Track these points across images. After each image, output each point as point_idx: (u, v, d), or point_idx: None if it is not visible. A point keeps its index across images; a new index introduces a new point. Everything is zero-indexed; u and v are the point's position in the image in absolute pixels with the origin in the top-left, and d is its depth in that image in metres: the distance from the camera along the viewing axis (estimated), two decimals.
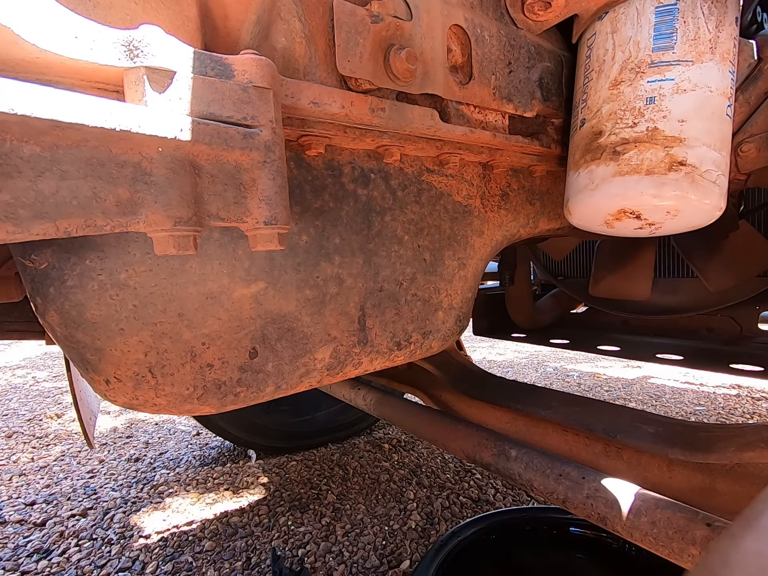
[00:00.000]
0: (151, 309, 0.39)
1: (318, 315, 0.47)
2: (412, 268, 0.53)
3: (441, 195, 0.55)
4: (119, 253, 0.37)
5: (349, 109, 0.40)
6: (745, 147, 0.58)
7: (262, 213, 0.32)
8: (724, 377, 2.92)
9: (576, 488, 0.62)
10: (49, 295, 0.37)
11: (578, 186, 0.53)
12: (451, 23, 0.46)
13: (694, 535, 0.48)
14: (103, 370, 0.39)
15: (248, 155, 0.31)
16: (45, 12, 0.25)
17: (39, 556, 1.37)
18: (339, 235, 0.47)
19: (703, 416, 2.35)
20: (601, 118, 0.51)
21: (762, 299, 1.16)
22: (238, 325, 0.42)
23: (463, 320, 0.60)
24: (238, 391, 0.43)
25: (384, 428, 2.24)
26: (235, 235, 0.41)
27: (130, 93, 0.28)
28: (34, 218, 0.23)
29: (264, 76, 0.31)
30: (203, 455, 2.03)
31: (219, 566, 1.31)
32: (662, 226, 0.53)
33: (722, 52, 0.47)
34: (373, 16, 0.40)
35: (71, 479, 1.84)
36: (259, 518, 1.54)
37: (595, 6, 0.49)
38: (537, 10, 0.51)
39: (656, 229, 0.53)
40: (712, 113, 0.47)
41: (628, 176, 0.49)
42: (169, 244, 0.29)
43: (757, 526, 0.23)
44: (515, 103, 0.53)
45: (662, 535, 0.51)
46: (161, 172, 0.27)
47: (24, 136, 0.23)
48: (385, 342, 0.52)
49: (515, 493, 1.62)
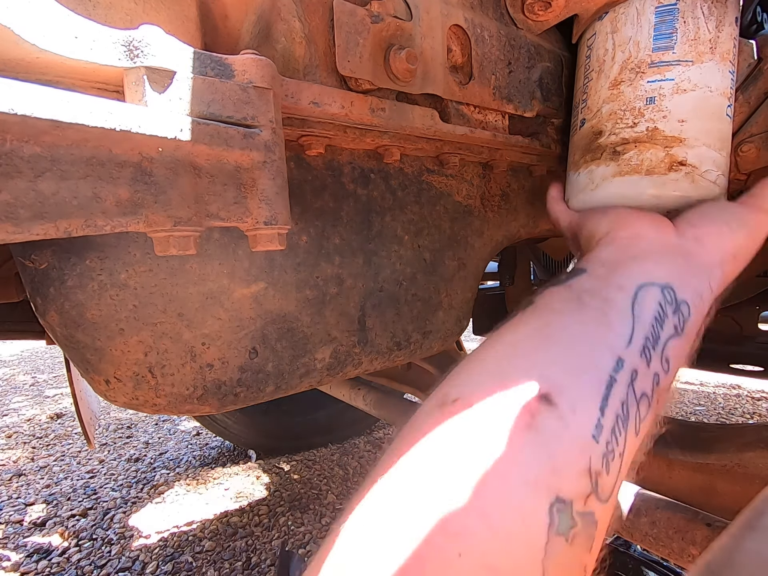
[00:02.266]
0: (151, 309, 0.39)
1: (318, 315, 0.47)
2: (412, 268, 0.53)
3: (441, 195, 0.55)
4: (119, 253, 0.37)
5: (349, 109, 0.40)
6: (745, 147, 0.58)
7: (262, 213, 0.32)
8: (724, 377, 2.92)
9: None
10: (49, 295, 0.37)
11: (578, 186, 0.53)
12: (451, 23, 0.46)
13: (694, 535, 0.48)
14: (103, 370, 0.39)
15: (248, 155, 0.31)
16: (45, 12, 0.25)
17: (39, 556, 1.37)
18: (339, 235, 0.47)
19: (703, 416, 2.35)
20: (601, 118, 0.51)
21: (762, 299, 1.16)
22: (238, 325, 0.42)
23: (463, 320, 0.60)
24: (238, 391, 0.43)
25: (384, 428, 2.24)
26: (235, 235, 0.41)
27: (130, 93, 0.28)
28: (34, 218, 0.23)
29: (264, 76, 0.31)
30: (203, 455, 2.03)
31: (219, 566, 1.31)
32: None
33: (722, 52, 0.47)
34: (373, 16, 0.40)
35: (71, 479, 1.84)
36: (259, 518, 1.54)
37: (595, 6, 0.49)
38: (537, 10, 0.51)
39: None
40: (712, 113, 0.47)
41: (628, 176, 0.49)
42: (169, 244, 0.29)
43: (758, 526, 0.23)
44: (515, 103, 0.53)
45: (662, 535, 0.51)
46: (161, 172, 0.27)
47: (24, 136, 0.23)
48: (385, 342, 0.52)
49: None
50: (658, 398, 0.29)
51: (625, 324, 0.29)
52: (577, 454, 0.25)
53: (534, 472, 0.24)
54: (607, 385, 0.27)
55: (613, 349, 0.28)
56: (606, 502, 0.25)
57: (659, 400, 0.29)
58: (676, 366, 0.31)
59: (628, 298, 0.30)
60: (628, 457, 0.27)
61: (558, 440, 0.25)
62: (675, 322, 0.30)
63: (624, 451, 0.26)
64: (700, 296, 0.32)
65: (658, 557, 0.91)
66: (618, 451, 0.26)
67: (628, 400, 0.27)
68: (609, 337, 0.29)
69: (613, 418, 0.26)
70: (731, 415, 2.35)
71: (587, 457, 0.25)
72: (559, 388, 0.26)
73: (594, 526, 0.24)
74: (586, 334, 0.29)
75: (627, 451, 0.27)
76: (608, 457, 0.25)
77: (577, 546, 0.23)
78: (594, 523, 0.24)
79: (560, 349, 0.29)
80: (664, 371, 0.29)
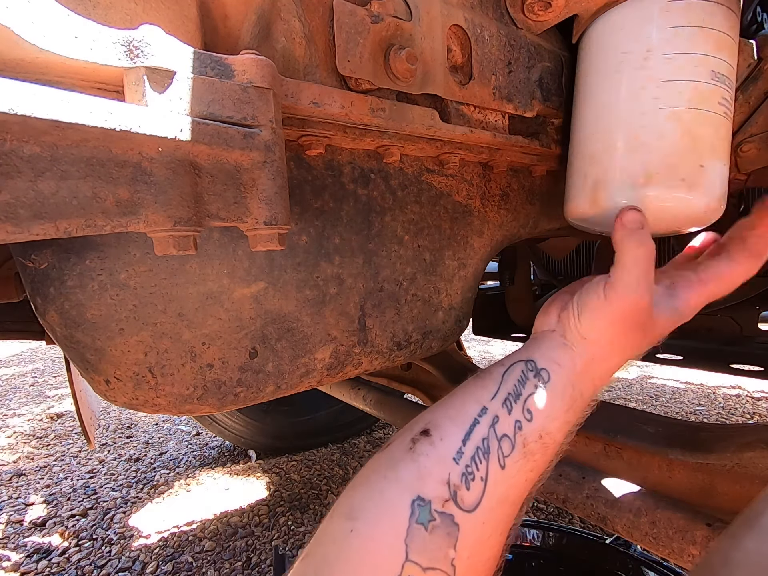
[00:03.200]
0: (151, 309, 0.39)
1: (318, 315, 0.47)
2: (412, 268, 0.53)
3: (441, 195, 0.55)
4: (119, 253, 0.37)
5: (349, 109, 0.40)
6: (745, 147, 0.58)
7: (262, 213, 0.32)
8: (724, 377, 2.92)
9: (576, 488, 0.62)
10: (49, 295, 0.37)
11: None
12: (451, 23, 0.46)
13: (694, 535, 0.48)
14: (103, 370, 0.39)
15: (248, 155, 0.31)
16: (45, 12, 0.25)
17: (39, 556, 1.37)
18: (339, 235, 0.47)
19: (703, 416, 2.35)
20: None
21: (762, 299, 1.16)
22: (238, 325, 0.42)
23: (463, 320, 0.60)
24: (238, 391, 0.43)
25: (384, 428, 2.24)
26: (235, 235, 0.41)
27: (130, 93, 0.28)
28: (34, 218, 0.23)
29: (264, 76, 0.31)
30: (203, 455, 2.03)
31: (219, 566, 1.31)
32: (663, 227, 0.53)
33: None
34: (373, 16, 0.40)
35: (71, 479, 1.84)
36: (259, 518, 1.54)
37: (595, 6, 0.49)
38: (537, 10, 0.51)
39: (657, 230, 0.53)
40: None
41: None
42: (169, 244, 0.29)
43: (758, 526, 0.23)
44: (515, 103, 0.53)
45: (662, 535, 0.51)
46: (161, 172, 0.27)
47: (24, 136, 0.23)
48: (385, 342, 0.52)
49: None
50: (525, 441, 0.36)
51: (494, 385, 0.39)
52: (440, 469, 0.34)
53: (404, 476, 0.33)
54: (472, 425, 0.36)
55: (480, 400, 0.38)
56: (471, 512, 0.33)
57: (526, 443, 0.36)
58: (543, 417, 0.37)
59: (503, 370, 0.40)
60: (498, 485, 0.34)
61: (426, 457, 0.34)
62: (535, 382, 0.39)
63: (487, 477, 0.34)
64: (559, 364, 0.40)
65: (658, 557, 0.91)
66: (479, 475, 0.34)
67: (489, 437, 0.35)
68: (480, 393, 0.38)
69: (474, 449, 0.35)
70: (731, 415, 2.35)
71: (447, 473, 0.33)
72: (436, 425, 0.36)
73: (455, 528, 0.32)
74: (466, 392, 0.39)
75: (492, 478, 0.34)
76: (468, 477, 0.34)
77: (437, 537, 0.31)
78: (455, 525, 0.32)
79: (449, 401, 0.39)
80: (526, 419, 0.37)
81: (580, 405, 0.40)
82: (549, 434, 0.37)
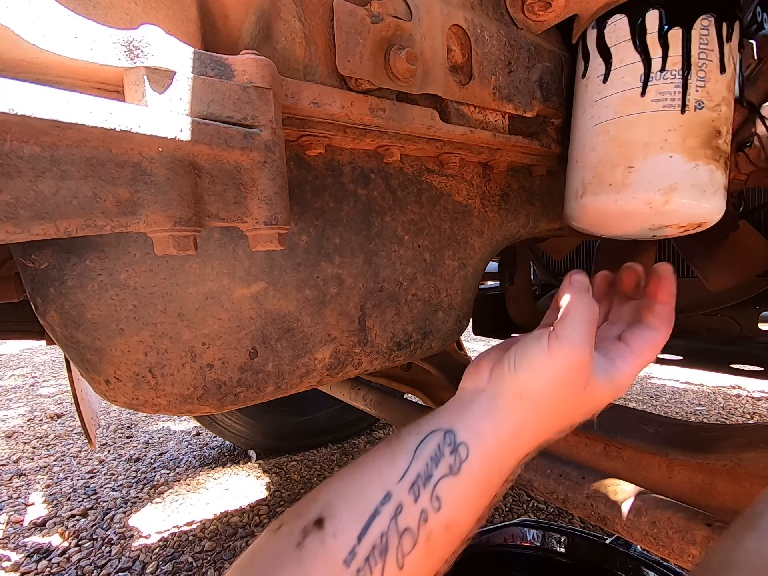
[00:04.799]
0: (151, 309, 0.39)
1: (318, 315, 0.47)
2: (413, 268, 0.53)
3: (441, 195, 0.55)
4: (119, 253, 0.37)
5: (349, 109, 0.40)
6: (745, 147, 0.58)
7: (262, 213, 0.32)
8: (724, 377, 2.92)
9: (576, 488, 0.62)
10: (49, 295, 0.37)
11: (695, 179, 0.52)
12: (451, 23, 0.46)
13: (694, 535, 0.48)
14: (103, 370, 0.39)
15: (248, 155, 0.31)
16: (45, 12, 0.25)
17: (39, 556, 1.37)
18: (339, 235, 0.47)
19: (703, 416, 2.35)
20: (720, 115, 0.50)
21: (762, 299, 1.16)
22: (238, 325, 0.42)
23: (463, 320, 0.60)
24: (238, 391, 0.43)
25: (384, 428, 2.24)
26: (235, 235, 0.41)
27: (130, 93, 0.28)
28: (34, 218, 0.23)
29: (264, 76, 0.31)
30: (203, 455, 2.03)
31: (219, 566, 1.31)
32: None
33: None
34: (373, 16, 0.40)
35: (71, 479, 1.84)
36: (259, 518, 1.54)
37: (595, 6, 0.49)
38: (537, 10, 0.51)
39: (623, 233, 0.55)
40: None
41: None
42: (169, 244, 0.29)
43: (758, 526, 0.23)
44: (515, 103, 0.53)
45: (662, 535, 0.51)
46: (161, 172, 0.27)
47: (24, 136, 0.23)
48: (385, 342, 0.52)
49: (515, 493, 1.62)
50: (429, 535, 0.31)
51: (405, 461, 0.33)
52: (327, 575, 0.29)
53: None
54: (371, 516, 0.31)
55: (385, 483, 0.32)
56: None
57: (430, 537, 0.31)
58: (452, 506, 0.33)
59: (418, 440, 0.34)
60: None
61: (314, 560, 0.29)
62: (450, 461, 0.33)
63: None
64: (481, 437, 0.35)
65: (658, 557, 0.91)
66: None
67: (388, 531, 0.30)
68: (387, 473, 0.33)
69: (370, 548, 0.30)
70: (731, 415, 2.35)
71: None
72: (332, 513, 0.31)
73: None
74: (372, 468, 0.34)
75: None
76: None
77: None
78: None
79: (350, 478, 0.34)
80: (433, 509, 0.32)
81: (496, 482, 0.36)
82: (457, 525, 0.33)
